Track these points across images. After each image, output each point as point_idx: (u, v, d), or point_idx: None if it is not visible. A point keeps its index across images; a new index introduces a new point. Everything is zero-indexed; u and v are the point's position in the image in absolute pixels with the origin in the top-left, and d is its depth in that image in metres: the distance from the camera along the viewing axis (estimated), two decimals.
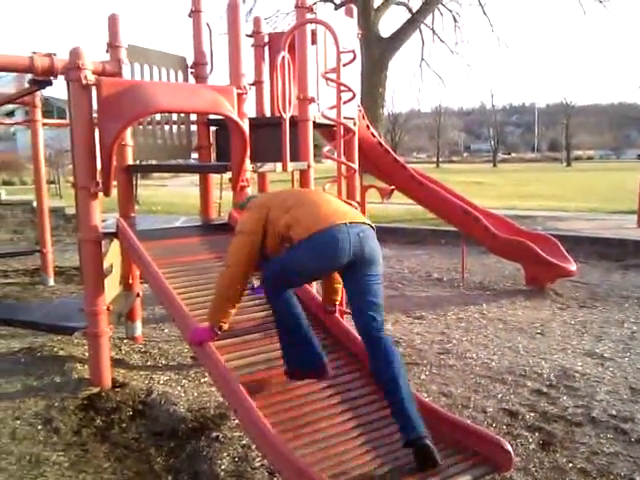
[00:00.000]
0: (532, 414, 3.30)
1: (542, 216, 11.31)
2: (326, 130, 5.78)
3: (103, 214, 3.60)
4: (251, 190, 4.18)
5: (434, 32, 24.81)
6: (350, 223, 2.62)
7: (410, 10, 23.43)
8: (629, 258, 7.76)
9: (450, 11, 24.23)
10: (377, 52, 21.24)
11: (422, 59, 25.18)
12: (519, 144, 71.75)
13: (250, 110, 4.65)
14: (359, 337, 2.79)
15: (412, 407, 2.43)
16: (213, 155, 5.10)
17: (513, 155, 64.43)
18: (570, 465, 2.79)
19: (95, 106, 3.46)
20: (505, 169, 40.92)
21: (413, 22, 22.28)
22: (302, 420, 2.52)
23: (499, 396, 3.55)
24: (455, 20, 24.38)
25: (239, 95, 4.10)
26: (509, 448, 2.42)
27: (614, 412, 3.31)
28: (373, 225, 2.72)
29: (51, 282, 6.71)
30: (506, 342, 4.59)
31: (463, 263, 6.74)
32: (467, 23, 24.47)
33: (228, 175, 4.15)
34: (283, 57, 4.34)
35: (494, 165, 48.10)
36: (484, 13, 23.70)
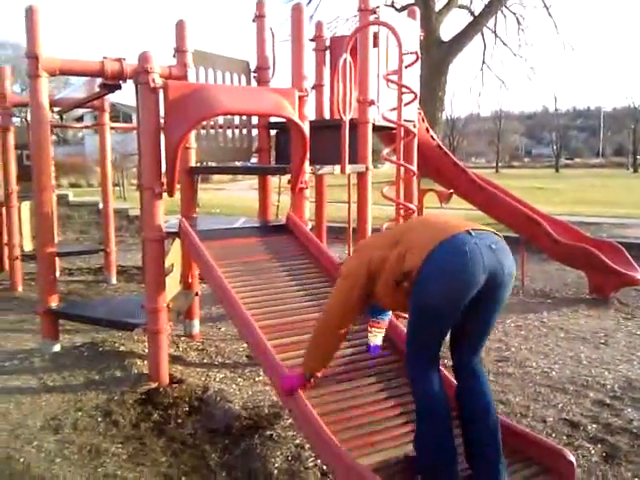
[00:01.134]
0: (594, 425, 3.19)
1: (607, 223, 10.91)
2: (385, 133, 5.76)
3: (165, 215, 3.71)
4: (309, 192, 4.22)
5: (496, 35, 24.39)
6: (474, 230, 2.17)
7: (472, 13, 23.11)
8: None
9: (514, 13, 23.75)
10: (438, 55, 21.03)
11: (484, 62, 24.81)
12: (583, 149, 69.30)
13: (310, 113, 4.70)
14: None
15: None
16: (272, 158, 5.19)
17: (576, 160, 62.24)
18: (636, 479, 2.69)
19: (162, 109, 3.58)
20: (568, 174, 39.62)
21: (475, 25, 21.96)
22: (350, 412, 2.52)
23: (559, 406, 3.45)
24: (519, 22, 23.89)
25: (300, 98, 4.15)
26: (572, 459, 2.35)
27: None
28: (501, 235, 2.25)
29: (113, 280, 6.96)
30: (568, 351, 4.45)
31: (523, 270, 6.58)
32: (531, 25, 23.64)
33: (286, 178, 4.21)
34: (345, 60, 4.37)
35: (556, 170, 46.63)
36: (549, 15, 23.09)
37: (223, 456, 2.87)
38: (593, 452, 2.91)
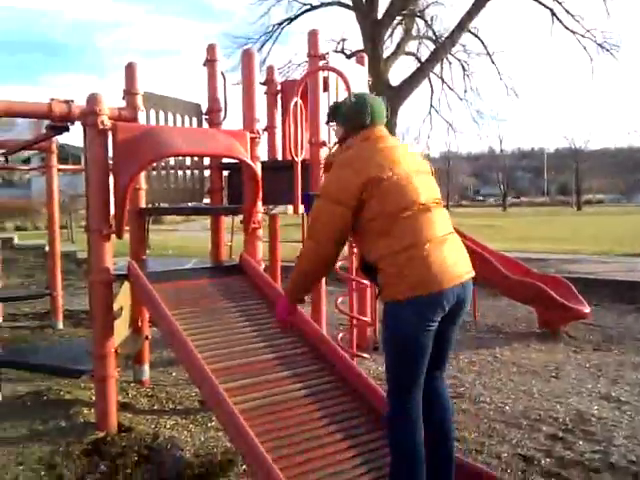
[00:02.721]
0: (548, 459, 3.21)
1: (554, 259, 11.25)
2: None
3: (115, 257, 3.63)
4: (262, 232, 4.22)
5: (443, 80, 25.24)
6: (465, 282, 2.40)
7: (419, 60, 23.92)
8: None
9: (459, 60, 24.68)
10: (387, 100, 21.55)
11: (431, 106, 25.52)
12: (529, 188, 71.94)
13: (262, 154, 4.74)
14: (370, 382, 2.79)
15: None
16: (225, 199, 5.18)
17: (523, 199, 64.53)
18: None
19: (110, 151, 3.55)
20: (515, 213, 40.93)
21: (422, 71, 22.70)
22: (310, 464, 2.46)
23: (514, 441, 3.47)
24: (464, 69, 24.82)
25: (252, 139, 4.18)
26: None
27: (633, 458, 3.21)
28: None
29: (60, 326, 6.71)
30: (520, 386, 4.51)
31: (475, 306, 6.69)
32: (476, 71, 24.61)
33: (239, 218, 4.21)
34: (296, 103, 4.45)
35: (504, 209, 48.13)
36: (492, 62, 24.08)
37: None
38: None
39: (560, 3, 21.51)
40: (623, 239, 15.73)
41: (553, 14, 21.89)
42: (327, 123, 2.75)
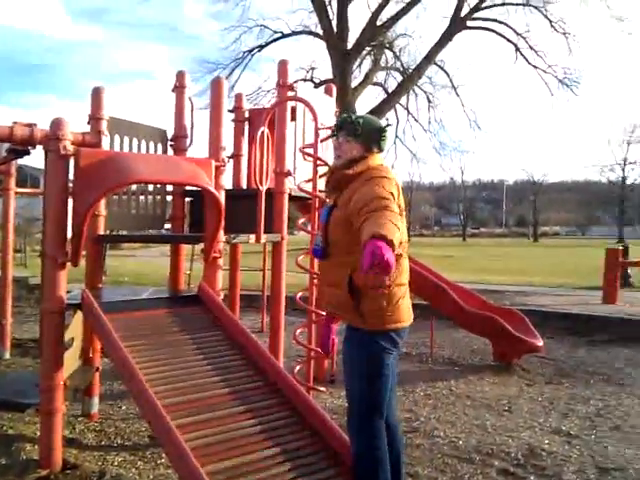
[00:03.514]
0: None
1: (510, 291, 11.49)
2: (301, 203, 5.89)
3: (69, 284, 3.55)
4: (223, 260, 4.20)
5: (408, 112, 25.78)
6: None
7: (386, 90, 24.40)
8: (595, 334, 7.87)
9: (424, 92, 25.28)
10: None
11: (396, 136, 25.99)
12: (488, 219, 73.61)
13: (227, 182, 4.74)
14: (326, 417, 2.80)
15: None
16: (186, 226, 5.15)
17: (482, 230, 65.94)
18: None
19: (71, 176, 3.50)
20: (474, 243, 41.70)
21: (389, 102, 23.14)
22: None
23: (466, 476, 3.50)
24: (429, 100, 25.41)
25: (217, 168, 4.17)
26: None
27: None
28: None
29: (7, 355, 6.41)
30: (474, 419, 4.56)
31: (432, 337, 6.76)
32: (441, 103, 25.14)
33: (200, 246, 4.18)
34: (263, 132, 4.48)
35: (464, 239, 49.00)
36: (457, 94, 24.72)
37: None
38: None
39: (524, 39, 22.34)
40: (577, 272, 16.17)
41: (517, 49, 22.69)
42: (335, 136, 2.61)
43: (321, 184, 4.82)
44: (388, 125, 2.67)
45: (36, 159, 3.93)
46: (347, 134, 2.53)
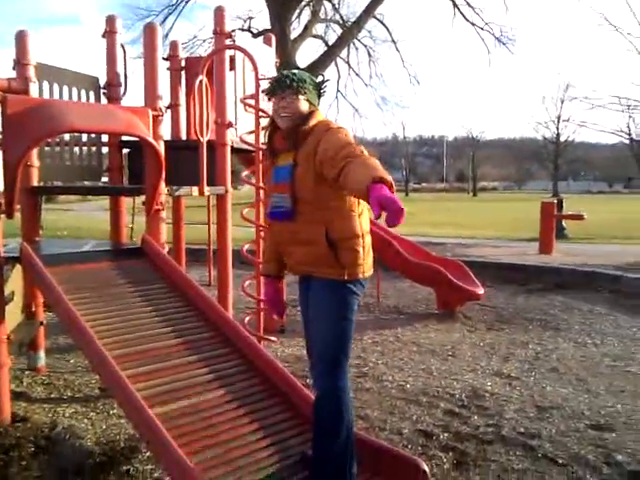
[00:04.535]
0: (446, 434, 3.37)
1: (451, 243, 11.79)
2: (244, 155, 5.77)
3: (5, 239, 3.39)
4: (165, 215, 4.09)
5: (349, 65, 25.61)
6: None
7: (326, 43, 24.08)
8: (532, 282, 8.19)
9: (365, 46, 25.11)
10: None
11: (338, 90, 25.85)
12: (429, 174, 74.77)
13: (166, 133, 4.58)
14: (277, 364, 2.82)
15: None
16: (125, 178, 4.97)
17: (424, 185, 66.99)
18: None
19: None
20: (417, 198, 42.35)
21: (329, 55, 22.87)
22: (217, 448, 2.43)
23: (414, 417, 3.61)
24: (369, 54, 25.28)
25: (155, 117, 4.03)
26: (426, 468, 2.47)
27: (522, 429, 3.43)
28: None
29: None
30: (420, 364, 4.69)
31: (378, 287, 6.87)
32: (381, 57, 25.11)
33: (141, 199, 4.05)
34: (201, 81, 4.32)
35: (406, 194, 49.68)
36: (397, 49, 24.66)
37: None
38: (445, 460, 3.06)
39: None
40: (515, 225, 16.72)
41: (455, 5, 22.72)
42: (277, 93, 2.51)
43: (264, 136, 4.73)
44: (326, 80, 2.63)
45: None
46: (293, 92, 2.49)
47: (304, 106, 2.50)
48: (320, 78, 2.63)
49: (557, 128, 51.59)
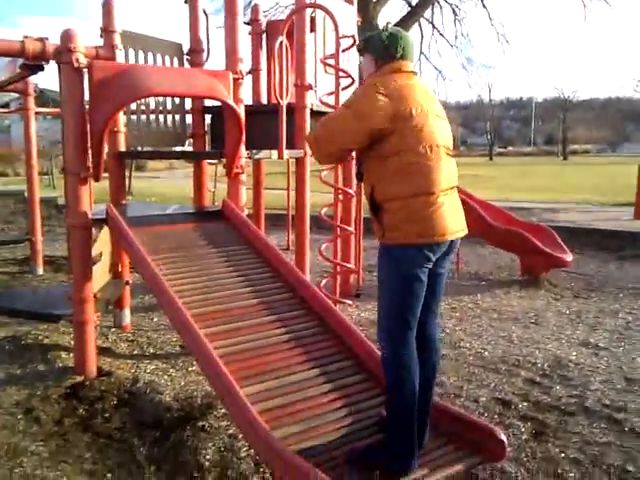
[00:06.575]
0: (525, 404, 3.27)
1: (538, 208, 11.31)
2: None
3: (95, 204, 3.55)
4: (247, 180, 4.14)
5: (433, 26, 24.67)
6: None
7: (409, 3, 23.29)
8: (626, 249, 7.76)
9: (450, 4, 24.08)
10: None
11: (421, 52, 25.03)
12: (516, 138, 71.70)
13: (247, 98, 4.60)
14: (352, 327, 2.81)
15: None
16: (207, 145, 5.06)
17: (510, 149, 64.39)
18: (562, 455, 2.76)
19: (87, 91, 3.42)
20: (501, 162, 40.86)
21: (413, 16, 22.13)
22: (289, 407, 2.47)
23: (492, 385, 3.53)
24: (455, 13, 24.22)
25: (235, 80, 4.04)
26: (503, 437, 2.40)
27: (608, 402, 3.29)
28: None
29: (40, 271, 6.65)
30: (500, 332, 4.56)
31: (458, 253, 6.71)
32: (467, 17, 23.97)
33: (223, 165, 4.10)
34: (281, 42, 4.29)
35: (490, 159, 48.01)
36: (484, 6, 23.50)
37: (152, 450, 2.78)
38: (523, 430, 2.99)
39: None
40: (607, 189, 15.79)
41: None
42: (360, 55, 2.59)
43: (344, 97, 4.65)
44: (387, 24, 2.53)
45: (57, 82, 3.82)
46: (364, 51, 2.52)
47: (370, 67, 2.48)
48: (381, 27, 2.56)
49: None
